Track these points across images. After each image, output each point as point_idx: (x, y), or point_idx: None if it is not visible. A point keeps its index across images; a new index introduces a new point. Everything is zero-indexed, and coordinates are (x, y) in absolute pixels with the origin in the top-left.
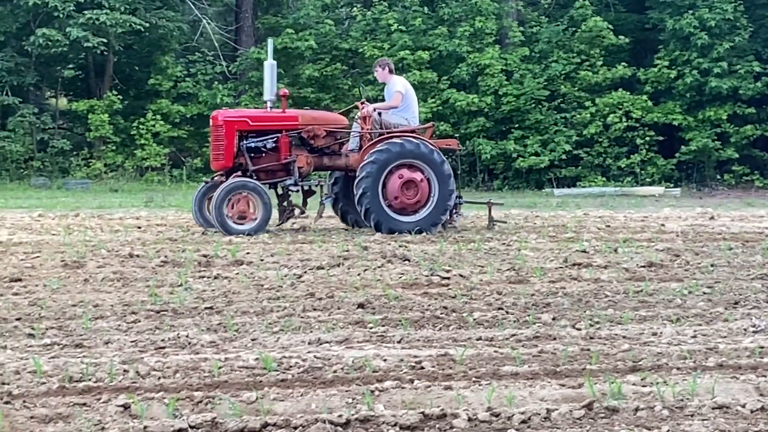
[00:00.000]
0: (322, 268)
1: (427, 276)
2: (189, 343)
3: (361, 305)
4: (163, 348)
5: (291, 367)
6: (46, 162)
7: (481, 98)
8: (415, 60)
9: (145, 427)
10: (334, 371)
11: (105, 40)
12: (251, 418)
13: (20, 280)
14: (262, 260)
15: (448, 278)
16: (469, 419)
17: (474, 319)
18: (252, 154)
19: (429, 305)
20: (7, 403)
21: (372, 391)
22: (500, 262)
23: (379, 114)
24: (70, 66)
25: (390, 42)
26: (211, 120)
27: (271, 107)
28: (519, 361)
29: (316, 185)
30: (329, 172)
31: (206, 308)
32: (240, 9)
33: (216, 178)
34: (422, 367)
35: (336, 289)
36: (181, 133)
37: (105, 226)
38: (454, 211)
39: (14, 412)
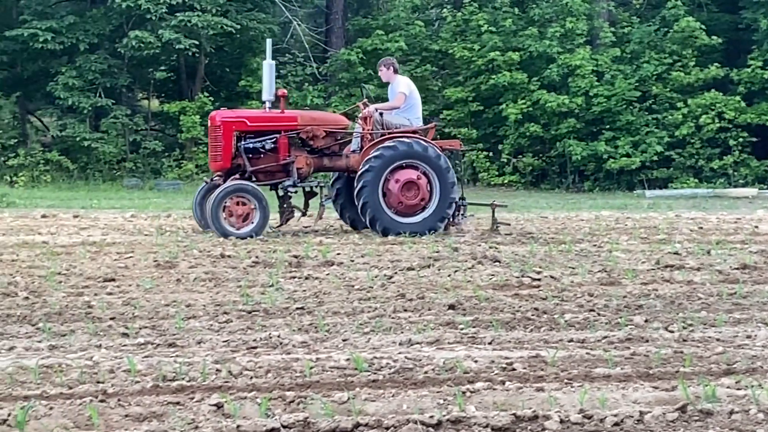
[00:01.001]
0: (413, 269)
1: (517, 277)
2: (281, 343)
3: (451, 306)
4: (255, 348)
5: (382, 367)
6: (138, 163)
7: (572, 99)
8: (505, 61)
9: (238, 427)
10: (425, 372)
11: (197, 42)
12: (343, 418)
13: (114, 279)
14: (352, 261)
15: (539, 280)
16: (561, 421)
17: (565, 321)
18: (250, 155)
19: (520, 307)
20: (102, 401)
21: (463, 392)
22: (591, 263)
23: (381, 114)
24: (162, 68)
25: (480, 43)
26: (209, 120)
27: (269, 107)
28: (611, 363)
29: (316, 186)
30: (332, 173)
31: (297, 308)
32: (330, 11)
33: (216, 179)
34: (513, 369)
35: (426, 290)
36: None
37: (197, 227)
38: (461, 213)
39: (109, 411)
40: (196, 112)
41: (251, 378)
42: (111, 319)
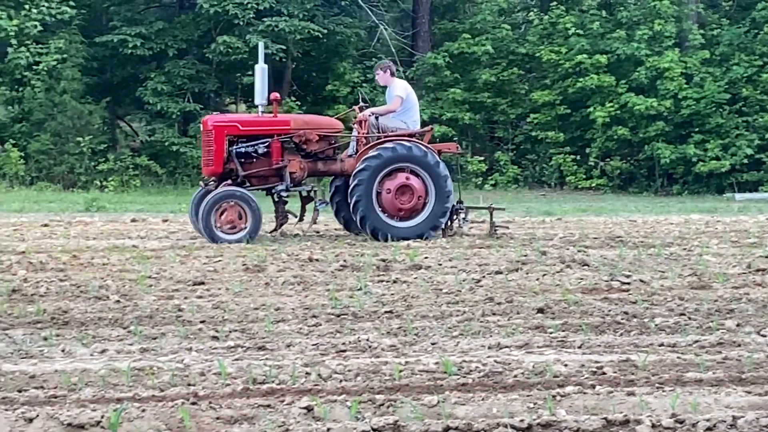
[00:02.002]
0: (501, 273)
1: (607, 281)
2: (369, 347)
3: (540, 310)
4: (344, 351)
5: (471, 371)
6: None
7: (660, 102)
8: (593, 64)
9: (328, 429)
10: (515, 376)
11: (284, 47)
12: (433, 422)
13: (203, 283)
14: (440, 265)
15: (629, 283)
16: (653, 426)
17: (656, 325)
18: (242, 160)
19: (609, 310)
20: (193, 404)
21: (553, 396)
22: (681, 267)
23: (376, 118)
24: (250, 73)
25: (567, 46)
26: (202, 125)
27: (262, 111)
28: (703, 367)
29: (309, 191)
30: (331, 177)
31: (386, 312)
32: (417, 14)
33: (210, 184)
34: (604, 373)
35: (515, 293)
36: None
37: (284, 230)
38: (462, 217)
39: (200, 413)
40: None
41: (341, 381)
42: (201, 322)
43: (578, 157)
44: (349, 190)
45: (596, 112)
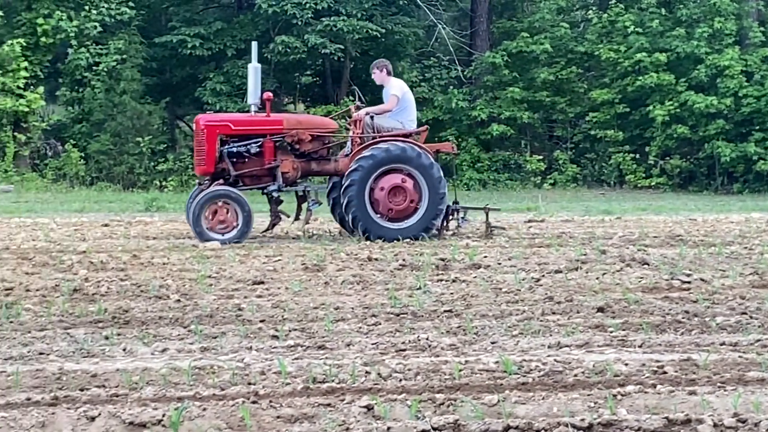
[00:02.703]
0: (560, 272)
1: (667, 280)
2: (429, 346)
3: (600, 309)
4: (404, 350)
5: (531, 370)
6: None
7: (720, 100)
8: (652, 62)
9: (388, 428)
10: (575, 375)
11: (342, 47)
12: (493, 421)
13: (263, 282)
14: (499, 264)
15: (689, 282)
16: (715, 425)
17: (717, 324)
18: (234, 159)
19: (670, 309)
20: (254, 402)
21: (614, 395)
22: (742, 266)
23: (371, 117)
24: (308, 72)
25: (626, 44)
26: (194, 124)
27: (255, 111)
28: (765, 366)
29: (303, 191)
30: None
31: (445, 311)
32: (475, 13)
33: (204, 183)
34: (665, 372)
35: (575, 292)
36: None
37: (344, 231)
38: (461, 216)
39: (261, 412)
40: (342, 116)
41: (400, 380)
42: (261, 321)
43: (637, 156)
44: (342, 190)
45: (656, 111)
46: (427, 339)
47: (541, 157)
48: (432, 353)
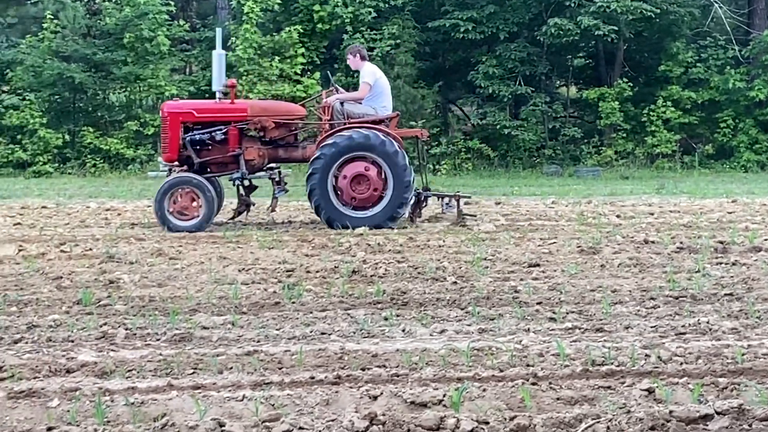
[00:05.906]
0: None
1: None
2: (710, 329)
3: None
4: (684, 334)
5: None
6: (557, 150)
7: None
8: None
9: (670, 412)
10: None
11: (615, 28)
12: None
13: (538, 265)
14: None
15: None
16: None
17: None
18: (197, 147)
19: None
20: (533, 384)
21: None
22: None
23: (341, 104)
24: (580, 54)
25: None
26: (160, 111)
27: (220, 98)
28: None
29: (269, 178)
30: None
31: (725, 295)
32: None
33: (173, 170)
34: None
35: None
36: (692, 119)
37: (618, 213)
38: (445, 202)
39: (540, 394)
40: (615, 98)
41: (681, 364)
42: (537, 303)
43: None
44: (305, 178)
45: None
46: (707, 322)
47: None
48: (713, 337)
